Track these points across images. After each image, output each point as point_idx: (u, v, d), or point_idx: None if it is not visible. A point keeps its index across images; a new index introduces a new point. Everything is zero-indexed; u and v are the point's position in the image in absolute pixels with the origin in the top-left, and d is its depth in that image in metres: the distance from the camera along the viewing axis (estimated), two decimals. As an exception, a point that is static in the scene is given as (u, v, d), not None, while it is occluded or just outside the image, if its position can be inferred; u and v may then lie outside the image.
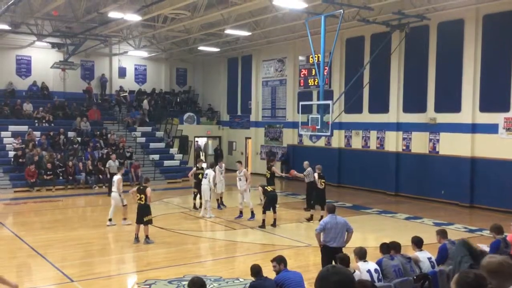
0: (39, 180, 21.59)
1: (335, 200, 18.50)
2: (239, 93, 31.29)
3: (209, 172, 16.18)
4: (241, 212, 15.85)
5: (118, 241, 13.07)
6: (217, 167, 18.21)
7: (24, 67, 28.35)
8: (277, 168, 20.65)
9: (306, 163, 16.77)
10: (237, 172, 16.38)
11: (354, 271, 6.86)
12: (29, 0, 20.18)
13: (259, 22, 22.73)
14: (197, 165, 18.16)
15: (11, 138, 23.65)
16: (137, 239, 12.54)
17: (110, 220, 14.58)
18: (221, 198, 18.02)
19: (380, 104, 22.12)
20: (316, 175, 15.66)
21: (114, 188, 14.70)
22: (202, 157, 29.10)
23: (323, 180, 15.72)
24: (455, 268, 7.16)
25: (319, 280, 2.75)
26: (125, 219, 14.67)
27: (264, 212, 14.51)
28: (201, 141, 33.06)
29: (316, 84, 24.31)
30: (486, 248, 8.52)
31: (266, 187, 14.97)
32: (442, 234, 8.44)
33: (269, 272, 7.37)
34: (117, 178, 14.75)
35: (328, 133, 19.25)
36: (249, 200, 15.82)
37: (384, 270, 7.29)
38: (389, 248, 7.74)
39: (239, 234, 14.15)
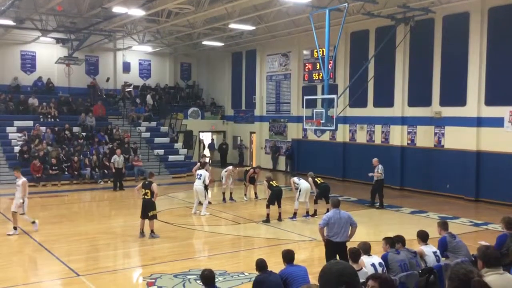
0: (44, 175, 21.67)
1: (340, 194, 18.51)
2: (243, 88, 31.25)
3: (203, 172, 15.68)
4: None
5: (123, 235, 13.11)
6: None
7: (28, 63, 28.41)
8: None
9: (375, 160, 16.72)
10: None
11: (362, 268, 6.86)
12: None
13: (263, 16, 22.67)
14: (201, 160, 18.21)
15: (17, 134, 23.73)
16: (142, 233, 12.59)
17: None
18: (231, 193, 18.04)
19: (385, 98, 22.04)
20: (311, 180, 15.30)
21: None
22: (205, 152, 29.28)
23: (319, 178, 15.65)
24: None
25: (321, 272, 2.93)
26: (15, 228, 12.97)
27: (268, 207, 14.54)
28: (209, 137, 32.70)
29: (320, 78, 24.27)
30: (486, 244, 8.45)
31: (271, 182, 14.99)
32: (443, 226, 8.38)
33: (274, 266, 7.39)
34: (22, 180, 12.91)
35: (333, 127, 19.21)
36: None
37: (390, 264, 7.27)
38: (395, 242, 7.72)
39: (244, 228, 14.18)
